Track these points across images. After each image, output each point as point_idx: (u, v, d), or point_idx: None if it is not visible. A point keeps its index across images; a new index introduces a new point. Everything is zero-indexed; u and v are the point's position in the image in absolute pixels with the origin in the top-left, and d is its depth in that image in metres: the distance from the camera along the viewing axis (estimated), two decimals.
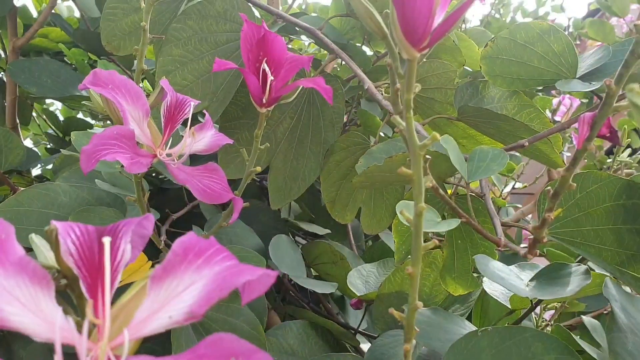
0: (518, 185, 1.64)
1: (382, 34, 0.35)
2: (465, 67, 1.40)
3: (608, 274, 0.51)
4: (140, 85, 0.57)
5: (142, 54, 0.57)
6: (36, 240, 0.33)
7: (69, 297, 0.32)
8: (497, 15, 2.80)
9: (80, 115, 1.59)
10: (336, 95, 0.75)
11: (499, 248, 0.51)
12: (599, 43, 2.19)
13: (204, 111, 0.58)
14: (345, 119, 1.15)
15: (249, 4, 0.85)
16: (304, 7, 2.32)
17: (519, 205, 1.76)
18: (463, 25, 2.13)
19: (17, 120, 1.24)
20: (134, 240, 0.30)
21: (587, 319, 0.68)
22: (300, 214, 1.11)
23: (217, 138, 0.57)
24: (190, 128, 0.54)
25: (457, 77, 0.79)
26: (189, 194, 0.76)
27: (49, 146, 1.67)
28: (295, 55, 0.53)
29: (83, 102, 0.60)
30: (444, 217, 0.62)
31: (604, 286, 0.50)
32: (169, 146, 0.54)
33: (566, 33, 2.06)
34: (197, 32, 0.80)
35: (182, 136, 0.56)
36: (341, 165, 0.73)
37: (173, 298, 0.27)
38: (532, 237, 0.43)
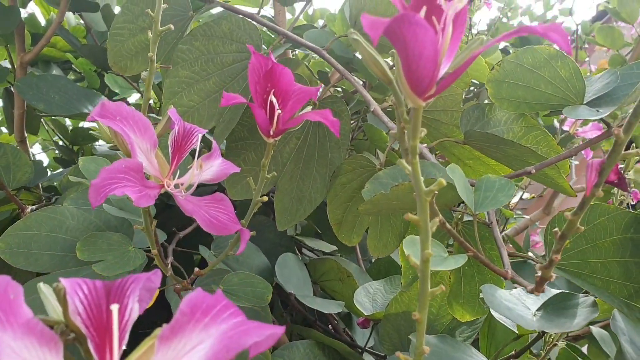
0: (526, 195, 1.64)
1: (387, 80, 0.35)
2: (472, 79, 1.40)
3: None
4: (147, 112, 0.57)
5: (149, 83, 0.58)
6: (44, 290, 0.33)
7: (78, 350, 0.32)
8: (504, 20, 2.80)
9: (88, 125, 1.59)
10: (342, 117, 0.75)
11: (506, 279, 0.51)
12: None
13: (212, 139, 0.59)
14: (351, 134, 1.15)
15: (255, 23, 0.85)
16: (310, 12, 2.32)
17: (523, 216, 1.75)
18: (471, 31, 2.13)
19: (25, 134, 1.25)
20: (142, 294, 0.30)
21: (595, 330, 0.67)
22: (307, 227, 1.12)
23: (225, 167, 0.57)
24: (197, 159, 0.54)
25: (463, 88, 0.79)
26: None
27: (57, 153, 1.68)
28: (303, 87, 0.53)
29: (91, 131, 0.60)
30: (448, 246, 0.62)
31: (611, 319, 0.50)
32: (177, 176, 0.54)
33: (575, 36, 2.05)
34: (203, 53, 0.80)
35: (190, 164, 0.56)
36: (347, 187, 0.73)
37: (181, 357, 0.27)
38: (539, 275, 0.43)
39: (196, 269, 0.63)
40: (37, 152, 2.20)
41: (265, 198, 0.57)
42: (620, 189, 0.39)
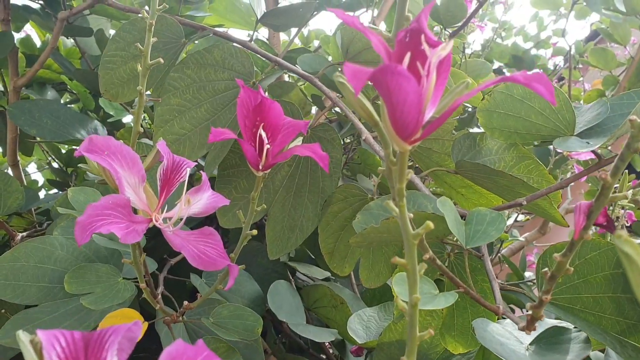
0: (521, 217, 1.64)
1: (373, 122, 0.35)
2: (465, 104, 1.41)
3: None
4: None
5: (139, 116, 0.57)
6: (23, 338, 0.32)
7: None
8: (498, 40, 2.82)
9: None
10: (333, 146, 0.75)
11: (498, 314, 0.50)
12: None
13: (201, 172, 0.58)
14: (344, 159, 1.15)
15: (247, 50, 0.85)
16: (305, 33, 2.33)
17: (518, 238, 1.74)
18: (465, 51, 2.14)
19: (18, 157, 1.25)
20: (122, 343, 0.30)
21: (593, 354, 0.67)
22: (300, 252, 1.11)
23: (214, 200, 0.57)
24: (185, 193, 0.53)
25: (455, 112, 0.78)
26: None
27: (51, 171, 1.67)
28: (293, 121, 0.53)
29: (79, 165, 0.59)
30: (439, 279, 0.61)
31: (605, 355, 0.50)
32: (165, 209, 0.54)
33: (568, 56, 2.06)
34: (195, 80, 0.80)
35: (179, 197, 0.55)
36: (339, 216, 0.72)
37: None
38: (529, 313, 0.43)
39: (185, 303, 0.62)
40: (32, 171, 2.20)
41: (255, 232, 0.56)
42: (608, 231, 0.39)
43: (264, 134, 0.52)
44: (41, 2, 1.17)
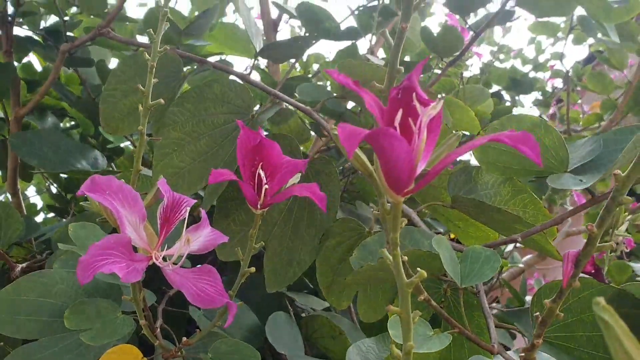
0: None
1: (367, 172, 0.36)
2: (464, 132, 1.42)
3: None
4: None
5: (139, 155, 0.58)
6: None
7: None
8: (497, 63, 2.84)
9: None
10: (331, 179, 0.76)
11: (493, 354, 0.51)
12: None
13: (200, 209, 0.59)
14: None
15: (246, 84, 0.86)
16: (305, 59, 2.35)
17: (517, 265, 1.75)
18: (464, 74, 2.16)
19: (18, 186, 1.26)
20: None
21: None
22: (299, 281, 1.11)
23: (213, 237, 0.58)
24: (185, 232, 0.54)
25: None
26: None
27: (50, 196, 1.68)
28: (291, 160, 0.54)
29: (81, 203, 0.60)
30: (434, 316, 0.61)
31: None
32: (165, 247, 0.55)
33: (566, 79, 2.07)
34: (195, 114, 0.81)
35: (179, 234, 0.56)
36: (337, 250, 0.73)
37: None
38: (522, 355, 0.43)
39: (184, 339, 0.62)
40: (32, 194, 2.20)
41: (253, 269, 0.57)
42: (597, 279, 0.39)
43: (262, 174, 0.53)
44: (43, 33, 1.19)
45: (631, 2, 0.95)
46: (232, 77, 0.92)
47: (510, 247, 1.62)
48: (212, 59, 1.43)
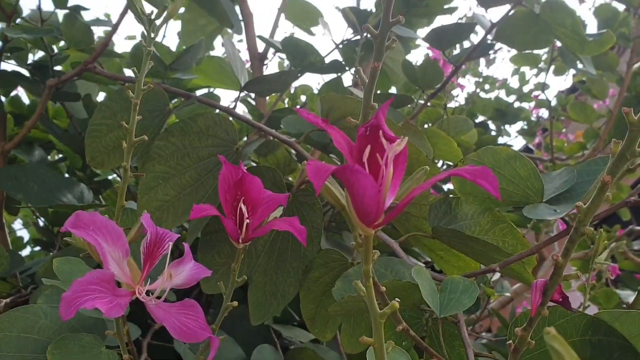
0: None
1: (340, 206, 0.37)
2: (446, 162, 1.44)
3: None
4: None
5: (123, 190, 0.59)
6: None
7: None
8: (482, 94, 2.89)
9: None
10: (314, 210, 0.77)
11: None
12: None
13: (183, 243, 0.60)
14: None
15: (231, 117, 0.88)
16: (292, 91, 2.38)
17: (504, 294, 1.76)
18: (449, 105, 2.19)
19: (4, 220, 1.25)
20: None
21: None
22: (285, 313, 1.11)
23: (196, 271, 0.58)
24: (168, 266, 0.55)
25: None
26: None
27: (37, 229, 1.68)
28: (272, 195, 0.55)
29: (65, 238, 0.61)
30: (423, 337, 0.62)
31: None
32: (148, 282, 0.55)
33: (549, 108, 2.11)
34: (179, 148, 0.83)
35: (162, 269, 0.57)
36: (320, 282, 0.74)
37: None
38: None
39: None
40: (18, 227, 2.19)
41: (236, 303, 0.57)
42: (565, 307, 0.41)
43: (244, 208, 0.54)
44: (30, 68, 1.21)
45: (604, 36, 0.99)
46: (217, 110, 0.94)
47: (497, 275, 1.63)
48: (199, 92, 1.46)
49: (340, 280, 0.63)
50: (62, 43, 1.31)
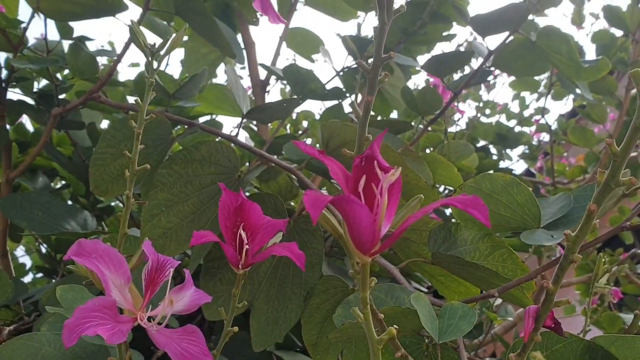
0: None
1: (337, 234, 0.38)
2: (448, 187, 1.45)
3: None
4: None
5: (125, 218, 0.60)
6: None
7: None
8: (483, 118, 2.91)
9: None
10: (315, 237, 0.78)
11: None
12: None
13: (184, 270, 0.61)
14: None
15: (233, 145, 0.89)
16: (294, 116, 2.40)
17: (507, 318, 1.75)
18: (450, 130, 2.21)
19: (7, 247, 1.26)
20: None
21: None
22: (287, 339, 1.11)
23: (197, 297, 0.59)
24: (169, 292, 0.55)
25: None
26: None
27: (40, 256, 1.68)
28: (271, 221, 0.56)
29: (68, 266, 0.62)
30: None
31: None
32: (149, 308, 0.56)
33: (549, 132, 2.12)
34: (182, 176, 0.84)
35: (163, 295, 0.57)
36: (321, 308, 0.74)
37: None
38: None
39: None
40: (20, 254, 2.20)
41: (236, 329, 0.58)
42: (557, 333, 0.41)
43: (244, 234, 0.55)
44: (36, 97, 1.23)
45: (600, 62, 1.00)
46: (219, 138, 0.95)
47: (500, 300, 1.63)
48: (202, 119, 1.48)
49: (340, 306, 0.64)
50: (66, 71, 1.33)
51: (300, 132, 2.30)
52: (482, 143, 2.56)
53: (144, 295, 0.57)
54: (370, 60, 0.43)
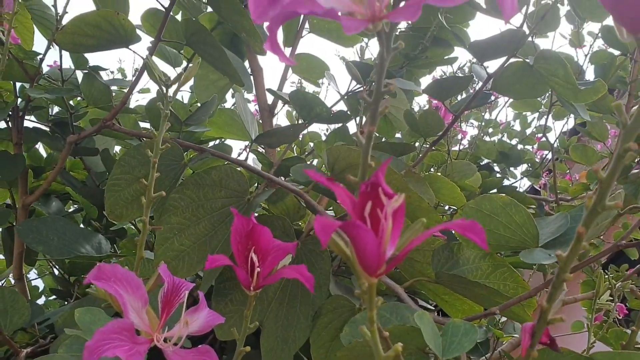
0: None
1: (345, 257, 0.41)
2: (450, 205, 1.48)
3: None
4: None
5: (142, 243, 0.63)
6: None
7: None
8: (486, 138, 2.94)
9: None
10: (322, 257, 0.80)
11: None
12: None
13: (198, 292, 0.63)
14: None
15: (242, 169, 0.92)
16: (300, 138, 2.44)
17: (513, 335, 1.75)
18: (453, 148, 2.24)
19: (23, 271, 1.29)
20: None
21: None
22: (296, 358, 1.13)
23: (211, 318, 0.62)
24: (184, 314, 0.58)
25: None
26: None
27: (53, 278, 1.71)
28: (281, 244, 0.59)
29: (87, 289, 0.65)
30: None
31: None
32: (166, 330, 0.59)
33: (551, 150, 2.14)
34: (194, 200, 0.87)
35: (179, 316, 0.60)
36: (329, 327, 0.77)
37: None
38: None
39: None
40: (33, 277, 2.23)
41: (248, 348, 0.60)
42: (552, 349, 0.43)
43: (255, 258, 0.58)
44: (51, 125, 1.27)
45: (596, 84, 1.03)
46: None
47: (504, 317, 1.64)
48: (212, 142, 1.52)
49: (348, 325, 0.66)
50: (79, 97, 1.37)
51: (306, 152, 2.34)
52: (485, 161, 2.58)
53: (160, 317, 0.60)
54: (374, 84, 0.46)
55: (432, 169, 2.02)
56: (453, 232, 0.73)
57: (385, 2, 0.39)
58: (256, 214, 1.21)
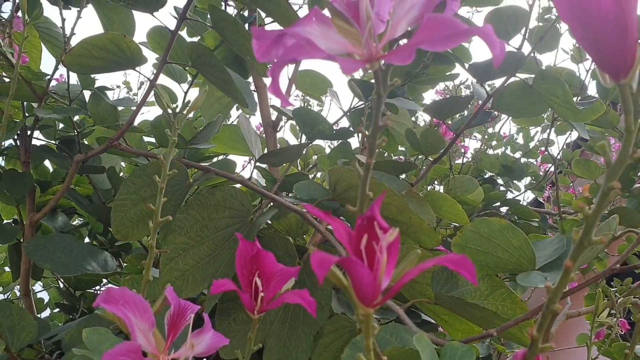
0: None
1: (342, 286, 0.42)
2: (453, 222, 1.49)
3: None
4: None
5: (149, 266, 0.65)
6: None
7: None
8: (489, 151, 2.95)
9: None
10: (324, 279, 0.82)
11: None
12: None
13: (203, 314, 0.65)
14: None
15: (246, 189, 0.94)
16: (304, 152, 2.46)
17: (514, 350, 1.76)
18: (452, 167, 2.25)
19: (30, 287, 1.31)
20: None
21: None
22: None
23: (215, 340, 0.63)
24: (189, 337, 0.60)
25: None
26: None
27: (58, 292, 1.73)
28: (285, 268, 0.60)
29: (96, 311, 0.66)
30: None
31: None
32: (172, 351, 0.60)
33: (554, 164, 2.15)
34: (198, 220, 0.89)
35: (185, 338, 0.62)
36: (330, 347, 0.78)
37: None
38: None
39: None
40: (38, 289, 2.25)
41: None
42: None
43: (259, 282, 0.60)
44: (58, 143, 1.29)
45: (595, 104, 1.05)
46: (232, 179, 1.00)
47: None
48: (216, 158, 1.53)
49: (348, 346, 0.68)
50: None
51: (310, 165, 2.36)
52: (488, 174, 2.60)
53: (166, 338, 0.61)
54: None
55: (435, 182, 2.04)
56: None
57: (382, 44, 0.41)
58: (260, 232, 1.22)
